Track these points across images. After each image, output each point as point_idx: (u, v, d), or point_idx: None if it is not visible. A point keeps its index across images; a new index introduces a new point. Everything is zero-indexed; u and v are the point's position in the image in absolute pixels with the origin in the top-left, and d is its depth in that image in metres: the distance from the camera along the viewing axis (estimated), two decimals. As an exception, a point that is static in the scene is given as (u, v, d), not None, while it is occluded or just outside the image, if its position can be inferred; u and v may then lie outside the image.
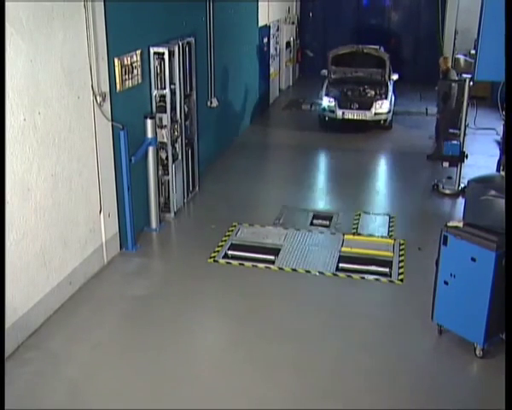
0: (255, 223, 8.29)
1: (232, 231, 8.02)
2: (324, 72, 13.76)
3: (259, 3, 13.82)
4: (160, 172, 8.09)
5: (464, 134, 9.36)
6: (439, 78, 11.47)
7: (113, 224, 7.10)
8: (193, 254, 7.43)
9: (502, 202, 4.85)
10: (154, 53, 7.64)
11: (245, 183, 9.94)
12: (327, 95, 12.96)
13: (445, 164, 9.43)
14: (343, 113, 12.55)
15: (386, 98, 12.67)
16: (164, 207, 8.36)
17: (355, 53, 13.57)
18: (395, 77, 13.50)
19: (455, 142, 9.32)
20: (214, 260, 7.24)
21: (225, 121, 11.54)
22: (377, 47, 14.16)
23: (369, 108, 12.46)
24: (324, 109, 12.88)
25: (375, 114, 12.49)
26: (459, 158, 9.33)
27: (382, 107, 12.54)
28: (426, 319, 5.78)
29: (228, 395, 4.95)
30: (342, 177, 10.37)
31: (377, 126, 12.79)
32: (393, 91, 13.27)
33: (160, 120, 7.88)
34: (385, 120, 12.70)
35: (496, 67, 5.19)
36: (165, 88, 7.83)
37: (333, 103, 12.62)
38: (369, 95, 12.85)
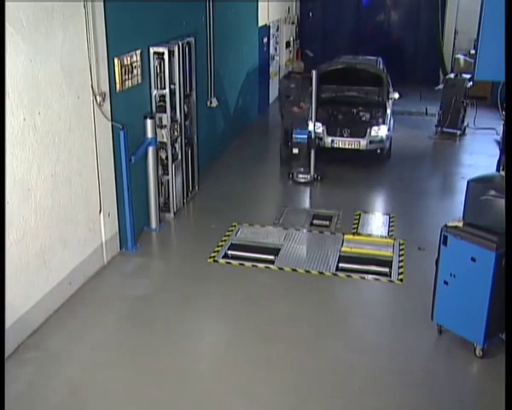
0: (255, 223, 8.30)
1: (232, 231, 8.02)
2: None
3: (259, 3, 13.81)
4: (159, 172, 8.09)
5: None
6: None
7: (113, 224, 7.10)
8: (193, 254, 7.43)
9: (502, 202, 4.85)
10: (154, 53, 7.64)
11: (245, 183, 9.94)
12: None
13: (295, 150, 10.25)
14: (332, 140, 10.49)
15: (383, 123, 10.57)
16: (164, 207, 8.36)
17: (347, 69, 11.40)
18: (396, 96, 11.37)
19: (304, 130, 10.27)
20: (214, 260, 7.24)
21: (225, 121, 11.54)
22: (374, 59, 12.52)
23: (363, 134, 10.41)
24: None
25: (371, 142, 10.42)
26: (309, 145, 10.03)
27: (379, 133, 10.46)
28: (426, 319, 5.78)
29: (227, 395, 4.95)
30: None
31: (373, 157, 10.71)
32: (392, 114, 11.28)
33: (160, 119, 7.88)
34: (382, 149, 10.56)
35: (496, 67, 5.18)
36: (164, 88, 7.83)
37: (320, 129, 10.46)
38: (363, 119, 10.82)
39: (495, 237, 5.02)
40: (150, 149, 7.63)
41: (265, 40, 14.72)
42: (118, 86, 6.83)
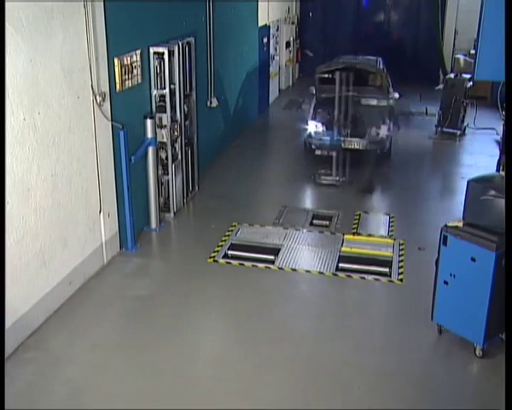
0: (255, 223, 8.30)
1: (232, 230, 8.02)
2: (312, 89, 11.47)
3: (259, 3, 13.81)
4: (159, 172, 8.09)
5: None
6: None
7: (113, 224, 7.09)
8: (193, 254, 7.43)
9: (502, 202, 4.85)
10: (154, 53, 7.63)
11: (245, 183, 9.94)
12: (314, 118, 10.82)
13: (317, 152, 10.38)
14: None
15: (383, 123, 10.58)
16: (164, 207, 8.36)
17: (347, 69, 10.99)
18: (396, 96, 11.39)
19: None
20: (214, 260, 7.24)
21: (225, 121, 11.54)
22: (374, 59, 12.45)
23: (363, 134, 10.33)
24: (310, 136, 10.64)
25: (371, 142, 10.34)
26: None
27: (379, 133, 10.45)
28: (426, 319, 5.78)
29: (227, 395, 4.95)
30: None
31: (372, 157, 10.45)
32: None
33: (160, 119, 7.88)
34: (382, 149, 10.50)
35: (496, 67, 5.18)
36: (164, 88, 7.83)
37: (320, 129, 10.47)
38: (363, 119, 10.73)
39: (495, 237, 5.02)
40: (150, 149, 7.63)
41: (265, 40, 14.72)
42: (118, 86, 6.83)
